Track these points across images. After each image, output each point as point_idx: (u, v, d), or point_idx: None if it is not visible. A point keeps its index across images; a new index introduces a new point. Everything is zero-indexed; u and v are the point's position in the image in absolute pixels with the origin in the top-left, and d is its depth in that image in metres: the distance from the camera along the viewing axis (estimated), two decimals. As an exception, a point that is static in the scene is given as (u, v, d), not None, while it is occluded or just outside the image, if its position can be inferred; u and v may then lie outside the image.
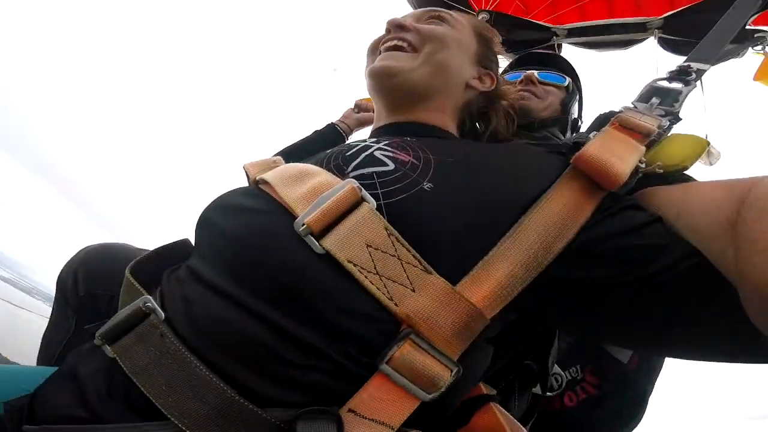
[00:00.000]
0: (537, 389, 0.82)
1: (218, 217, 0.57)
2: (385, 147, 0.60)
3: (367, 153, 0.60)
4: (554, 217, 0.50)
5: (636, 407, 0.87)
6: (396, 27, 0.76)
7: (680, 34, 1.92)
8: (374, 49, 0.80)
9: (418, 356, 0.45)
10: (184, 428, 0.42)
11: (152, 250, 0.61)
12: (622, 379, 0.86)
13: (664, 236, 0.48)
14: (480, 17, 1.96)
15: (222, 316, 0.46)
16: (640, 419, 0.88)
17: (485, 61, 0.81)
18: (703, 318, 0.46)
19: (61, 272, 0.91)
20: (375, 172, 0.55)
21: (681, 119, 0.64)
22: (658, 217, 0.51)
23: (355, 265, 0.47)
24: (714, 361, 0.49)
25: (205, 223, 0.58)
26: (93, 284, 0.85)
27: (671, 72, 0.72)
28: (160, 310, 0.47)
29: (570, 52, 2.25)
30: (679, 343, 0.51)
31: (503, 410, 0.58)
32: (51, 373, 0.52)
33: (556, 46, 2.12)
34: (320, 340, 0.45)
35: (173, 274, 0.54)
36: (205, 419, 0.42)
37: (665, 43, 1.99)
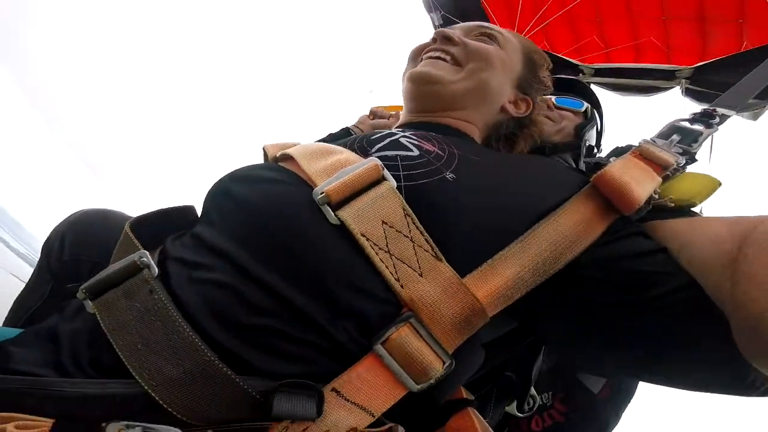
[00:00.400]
0: (513, 409, 0.81)
1: (233, 186, 0.56)
2: (411, 136, 0.61)
3: (392, 138, 0.60)
4: (567, 231, 0.51)
5: None
6: (443, 38, 0.76)
7: (708, 87, 1.91)
8: (415, 56, 0.80)
9: (415, 342, 0.44)
10: (149, 390, 0.40)
11: (154, 211, 0.59)
12: (588, 409, 0.86)
13: (668, 265, 0.49)
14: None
15: (221, 279, 0.45)
16: None
17: (526, 86, 0.81)
18: (695, 348, 0.47)
19: (49, 235, 0.86)
20: (399, 155, 0.55)
21: (697, 160, 0.65)
22: (663, 247, 0.51)
23: (367, 239, 0.46)
24: (700, 390, 0.50)
25: (218, 191, 0.57)
26: (79, 249, 0.80)
27: (695, 114, 0.72)
28: (155, 266, 0.46)
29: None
30: (668, 371, 0.51)
31: (480, 416, 0.57)
32: (14, 333, 0.49)
33: (579, 84, 2.15)
34: (319, 313, 0.44)
35: (177, 240, 0.54)
36: (176, 382, 0.40)
37: (690, 94, 1.99)
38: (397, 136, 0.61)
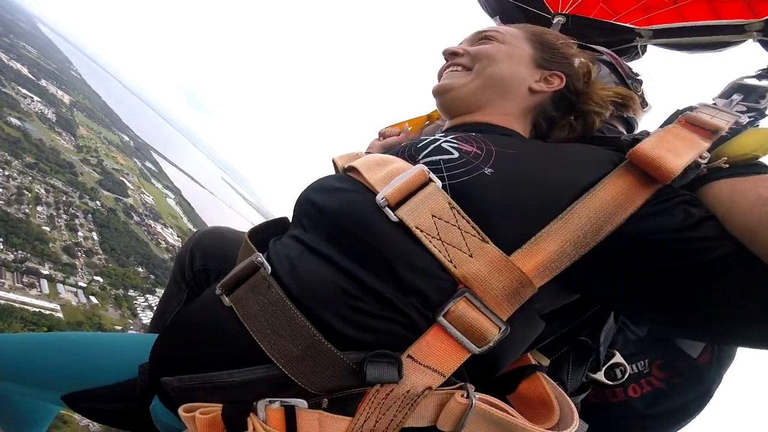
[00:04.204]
0: (600, 376, 0.84)
1: (315, 195, 0.67)
2: (452, 140, 0.68)
3: (435, 145, 0.68)
4: (606, 203, 0.55)
5: (701, 402, 0.85)
6: (450, 55, 0.87)
7: (784, 36, 1.76)
8: (438, 78, 0.91)
9: (471, 312, 0.53)
10: (281, 367, 0.52)
11: (262, 222, 0.75)
12: (691, 374, 0.85)
13: (714, 232, 0.51)
14: (555, 20, 1.98)
15: (317, 270, 0.57)
16: (700, 413, 0.86)
17: (548, 64, 0.83)
18: (745, 305, 0.49)
19: (179, 251, 1.09)
20: (442, 159, 0.64)
21: (767, 115, 0.64)
22: (712, 215, 0.53)
23: (421, 231, 0.56)
24: (756, 347, 0.52)
25: (304, 200, 0.69)
26: (207, 261, 1.01)
27: (762, 70, 0.70)
28: (267, 264, 0.58)
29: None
30: (724, 328, 0.53)
31: (550, 379, 0.62)
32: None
33: (639, 47, 2.06)
34: (392, 293, 0.54)
35: (278, 241, 0.65)
36: (296, 359, 0.52)
37: (766, 46, 1.83)
38: (439, 142, 0.68)
